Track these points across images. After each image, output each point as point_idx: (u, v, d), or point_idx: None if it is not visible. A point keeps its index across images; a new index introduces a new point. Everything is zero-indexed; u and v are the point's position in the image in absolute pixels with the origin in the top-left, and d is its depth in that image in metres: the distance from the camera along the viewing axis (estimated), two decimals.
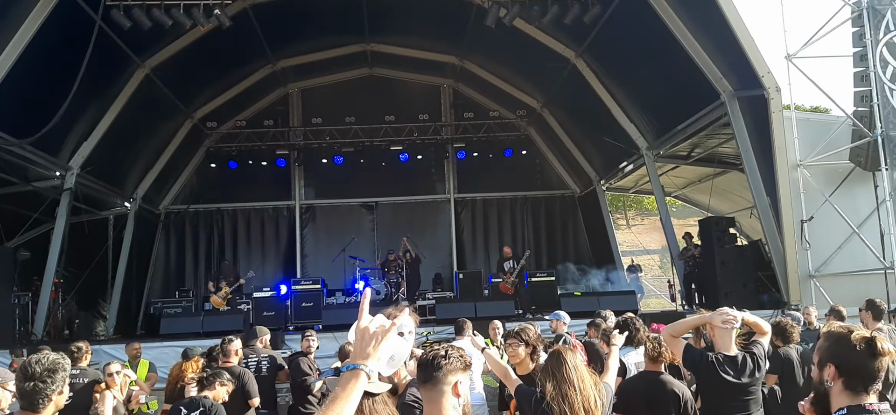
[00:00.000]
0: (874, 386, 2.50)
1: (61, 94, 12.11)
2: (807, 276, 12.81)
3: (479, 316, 13.15)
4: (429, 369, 2.79)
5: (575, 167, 21.09)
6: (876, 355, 2.49)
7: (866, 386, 2.50)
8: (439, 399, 2.76)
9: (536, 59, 16.93)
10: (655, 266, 29.79)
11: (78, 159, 14.95)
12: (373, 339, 2.23)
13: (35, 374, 3.41)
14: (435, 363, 2.79)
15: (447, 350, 2.87)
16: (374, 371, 2.19)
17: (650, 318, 12.19)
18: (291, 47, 18.28)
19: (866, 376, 2.50)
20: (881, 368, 2.49)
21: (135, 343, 10.20)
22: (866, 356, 2.50)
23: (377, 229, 20.85)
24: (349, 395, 2.11)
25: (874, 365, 2.49)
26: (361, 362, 2.18)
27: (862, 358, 2.50)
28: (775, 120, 12.18)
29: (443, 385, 2.77)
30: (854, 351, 2.52)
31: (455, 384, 2.80)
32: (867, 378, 2.50)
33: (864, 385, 2.50)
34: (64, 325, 15.69)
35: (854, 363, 2.51)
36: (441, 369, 2.77)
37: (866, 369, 2.49)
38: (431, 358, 2.82)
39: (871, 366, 2.49)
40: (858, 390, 2.51)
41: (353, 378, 2.15)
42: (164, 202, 20.54)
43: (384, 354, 2.25)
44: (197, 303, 18.11)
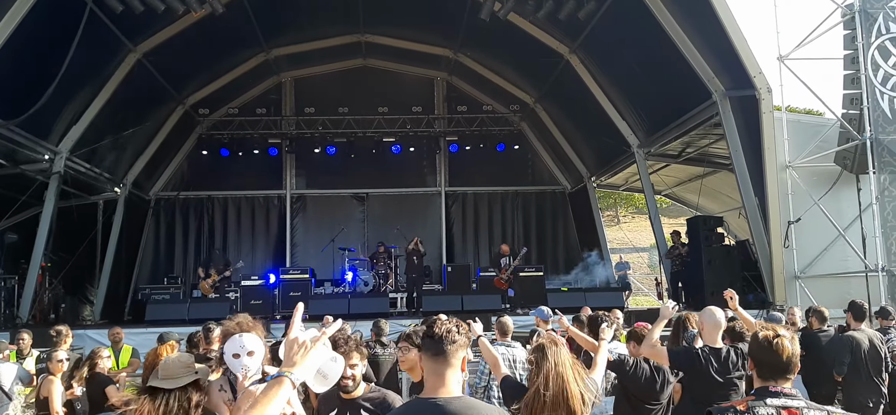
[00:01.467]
0: (782, 375, 3.06)
1: (51, 77, 12.06)
2: (792, 276, 12.87)
3: (466, 309, 13.21)
4: (441, 343, 2.73)
5: (566, 163, 21.11)
6: (774, 350, 3.06)
7: (772, 374, 3.06)
8: (445, 372, 2.72)
9: (531, 54, 16.93)
10: (644, 264, 29.85)
11: (67, 143, 14.86)
12: (301, 349, 2.36)
13: None
14: (448, 337, 2.73)
15: (458, 324, 2.84)
16: (298, 379, 2.31)
17: (637, 316, 12.25)
18: (285, 36, 18.21)
19: (771, 367, 3.07)
20: (781, 360, 3.05)
21: (117, 328, 10.19)
22: (768, 351, 3.07)
23: (368, 220, 20.83)
24: (270, 400, 2.20)
25: (773, 358, 3.06)
26: (287, 370, 2.29)
27: (765, 352, 3.08)
28: (766, 121, 12.23)
29: (453, 358, 2.73)
30: (760, 347, 3.11)
31: (463, 359, 2.78)
32: (771, 368, 3.08)
33: (770, 373, 3.07)
34: (50, 309, 15.66)
35: (760, 357, 3.11)
36: (455, 343, 2.74)
37: (770, 361, 3.07)
38: (444, 331, 2.76)
39: (772, 359, 3.06)
40: (766, 377, 3.08)
41: (276, 385, 2.25)
42: (155, 188, 20.47)
43: (311, 364, 2.37)
44: (185, 290, 18.10)
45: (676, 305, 14.90)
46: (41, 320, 14.72)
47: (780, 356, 3.05)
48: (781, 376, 3.06)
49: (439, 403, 2.62)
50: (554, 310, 7.38)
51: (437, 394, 2.68)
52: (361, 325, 11.41)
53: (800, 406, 2.98)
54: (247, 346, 3.91)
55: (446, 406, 2.60)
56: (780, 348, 3.05)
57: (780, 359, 3.05)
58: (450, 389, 2.70)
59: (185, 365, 3.55)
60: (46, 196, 14.69)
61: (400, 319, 13.39)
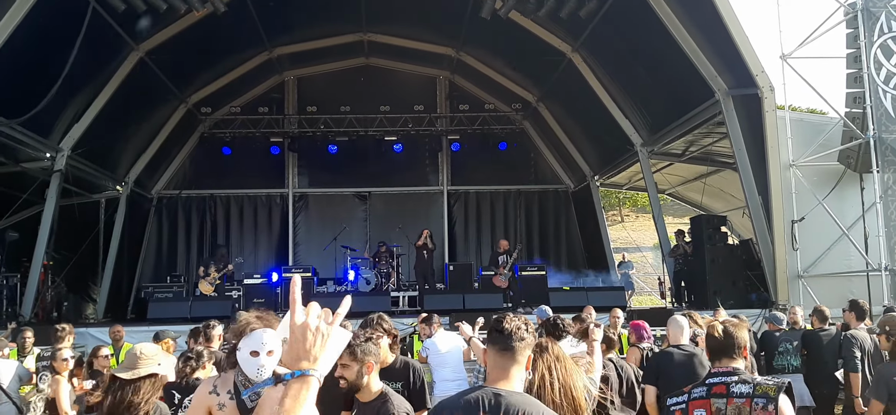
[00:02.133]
0: (722, 355, 3.71)
1: (53, 76, 12.06)
2: (795, 276, 12.82)
3: (468, 308, 13.19)
4: (510, 338, 2.79)
5: (569, 162, 21.07)
6: (715, 338, 3.74)
7: (715, 356, 3.75)
8: (511, 367, 2.79)
9: (533, 52, 16.90)
10: (648, 263, 29.79)
11: (69, 141, 14.87)
12: (317, 337, 1.85)
13: None
14: (517, 334, 2.79)
15: (527, 322, 2.88)
16: (322, 376, 1.84)
17: (636, 315, 12.22)
18: (288, 34, 18.20)
19: (712, 350, 3.78)
20: (718, 342, 3.72)
21: (118, 326, 10.17)
22: (709, 337, 3.80)
23: (370, 219, 20.82)
24: (300, 406, 1.77)
25: (712, 342, 3.76)
26: (309, 367, 1.82)
27: (708, 339, 3.82)
28: (769, 119, 12.20)
29: (520, 355, 2.80)
30: (707, 336, 3.84)
31: (529, 358, 2.84)
32: (713, 351, 3.77)
33: (714, 355, 3.77)
34: (52, 307, 15.64)
35: (711, 344, 3.80)
36: (523, 340, 2.80)
37: (711, 345, 3.78)
38: (514, 327, 2.81)
39: (712, 343, 3.77)
40: (712, 360, 3.79)
41: (302, 386, 1.80)
42: (157, 187, 20.48)
43: (332, 354, 1.88)
44: (188, 288, 18.09)
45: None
46: (44, 318, 14.72)
47: (716, 339, 3.71)
48: (724, 356, 3.70)
49: (501, 393, 2.71)
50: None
51: (500, 386, 2.76)
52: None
53: (727, 382, 3.58)
54: (268, 344, 3.56)
55: (508, 397, 2.69)
56: (714, 331, 3.75)
57: (718, 341, 3.70)
58: (514, 383, 2.78)
59: (146, 357, 3.56)
60: (48, 194, 14.69)
61: (402, 317, 13.37)
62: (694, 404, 3.61)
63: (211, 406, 3.66)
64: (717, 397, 3.54)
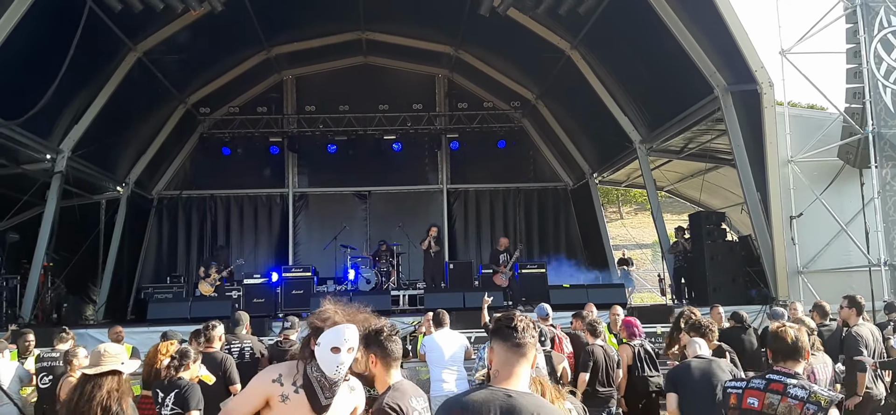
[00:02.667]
0: (787, 357, 3.99)
1: (52, 77, 12.06)
2: (795, 271, 12.83)
3: (468, 307, 13.18)
4: (523, 336, 2.79)
5: (568, 160, 21.06)
6: (786, 342, 4.01)
7: (783, 359, 4.01)
8: (520, 364, 2.78)
9: (531, 50, 16.89)
10: (647, 260, 29.83)
11: (69, 142, 14.86)
12: None
13: None
14: (528, 331, 2.80)
15: (535, 322, 2.92)
16: None
17: (639, 312, 12.23)
18: (286, 34, 18.18)
19: (784, 352, 4.02)
20: (786, 345, 4.01)
21: (118, 327, 10.19)
22: (784, 342, 4.03)
23: (370, 218, 20.81)
24: None
25: (787, 347, 4.00)
26: None
27: (783, 343, 4.03)
28: (767, 115, 12.19)
29: (529, 352, 2.80)
30: (772, 336, 4.15)
31: (535, 357, 2.83)
32: (776, 352, 4.05)
33: (782, 358, 4.01)
34: (52, 308, 15.66)
35: (780, 347, 4.05)
36: (534, 339, 2.82)
37: (776, 347, 4.06)
38: (525, 325, 2.81)
39: (787, 347, 4.01)
40: (775, 360, 4.04)
41: None
42: (157, 187, 20.47)
43: None
44: (188, 289, 18.09)
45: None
46: (44, 319, 14.73)
47: (787, 344, 3.96)
48: (789, 359, 3.96)
49: (512, 394, 2.64)
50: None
51: (509, 385, 2.71)
52: None
53: (786, 382, 3.84)
54: (349, 340, 3.40)
55: (519, 398, 2.62)
56: (787, 336, 3.98)
57: (788, 345, 3.95)
58: (522, 382, 2.76)
59: (109, 355, 3.69)
60: (48, 196, 14.70)
61: (402, 316, 13.38)
62: (749, 392, 3.94)
63: (271, 395, 3.47)
64: (773, 393, 3.85)
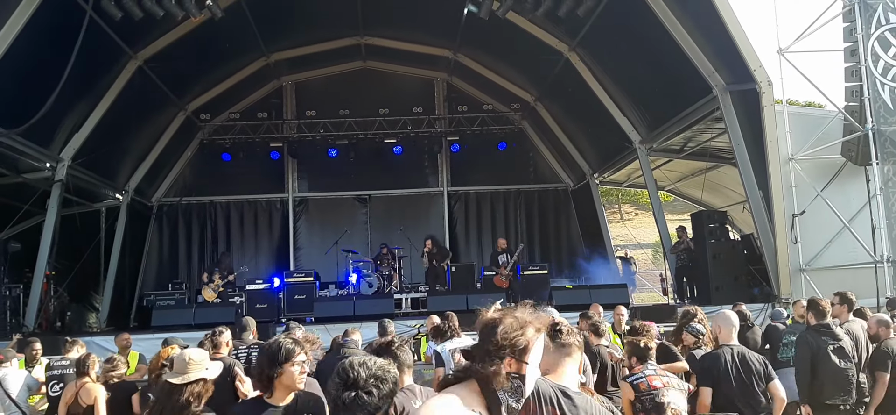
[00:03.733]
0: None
1: (52, 85, 12.04)
2: (798, 269, 12.84)
3: (471, 308, 13.17)
4: (570, 337, 3.16)
5: (568, 161, 21.09)
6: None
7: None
8: (566, 362, 3.09)
9: (530, 52, 16.92)
10: (649, 260, 29.83)
11: (69, 151, 14.87)
12: None
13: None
14: (573, 334, 3.16)
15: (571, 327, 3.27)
16: None
17: (643, 312, 12.26)
18: (285, 40, 18.21)
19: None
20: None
21: (125, 334, 10.16)
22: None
23: (370, 222, 20.83)
24: None
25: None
26: None
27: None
28: (767, 114, 12.22)
29: (576, 352, 3.16)
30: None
31: (581, 362, 3.22)
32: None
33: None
34: (56, 316, 15.67)
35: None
36: (579, 341, 3.19)
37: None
38: (568, 329, 3.20)
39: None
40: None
41: None
42: (157, 194, 20.48)
43: None
44: (190, 295, 18.10)
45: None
46: (47, 327, 14.74)
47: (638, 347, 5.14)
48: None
49: (567, 391, 2.84)
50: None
51: (558, 382, 2.95)
52: (367, 326, 11.45)
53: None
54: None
55: (572, 395, 2.83)
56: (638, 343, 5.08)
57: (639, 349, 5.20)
58: (569, 380, 3.05)
59: (195, 363, 3.63)
60: (49, 204, 14.70)
61: (405, 319, 13.39)
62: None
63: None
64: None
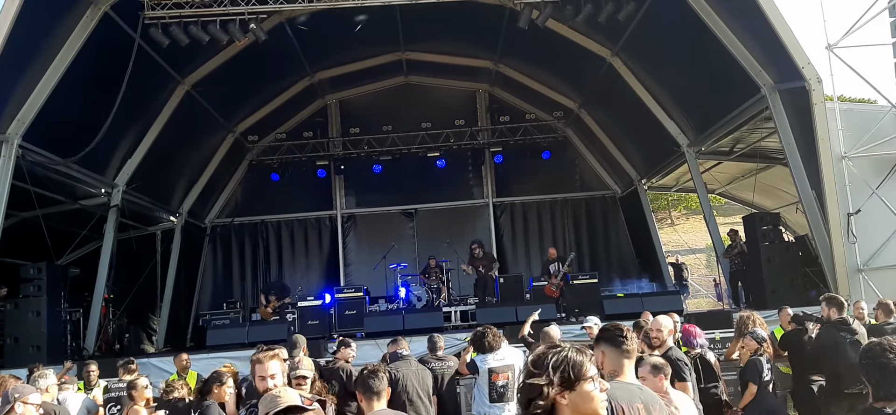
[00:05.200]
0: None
1: (104, 113, 12.42)
2: (855, 270, 12.44)
3: (521, 320, 13.09)
4: (626, 341, 3.48)
5: (615, 167, 20.89)
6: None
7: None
8: (625, 363, 3.44)
9: (572, 59, 16.82)
10: (702, 265, 29.34)
11: (123, 176, 15.31)
12: None
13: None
14: (630, 337, 3.49)
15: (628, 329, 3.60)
16: None
17: (696, 318, 12.02)
18: (328, 59, 18.47)
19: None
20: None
21: (183, 355, 10.38)
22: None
23: (417, 236, 20.92)
24: None
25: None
26: None
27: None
28: (818, 112, 11.90)
29: (633, 354, 3.51)
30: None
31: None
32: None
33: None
34: (115, 339, 16.08)
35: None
36: (635, 342, 3.53)
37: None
38: (626, 332, 3.51)
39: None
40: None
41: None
42: (210, 216, 20.91)
43: None
44: (244, 314, 18.40)
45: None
46: (107, 350, 15.14)
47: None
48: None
49: (632, 386, 3.28)
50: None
51: (623, 379, 3.38)
52: (416, 340, 11.47)
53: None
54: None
55: (643, 392, 3.24)
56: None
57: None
58: (631, 377, 3.45)
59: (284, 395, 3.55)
60: (106, 229, 15.15)
61: (455, 332, 13.37)
62: None
63: None
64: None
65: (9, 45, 10.69)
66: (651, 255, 19.95)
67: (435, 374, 8.30)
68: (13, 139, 11.70)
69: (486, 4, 15.03)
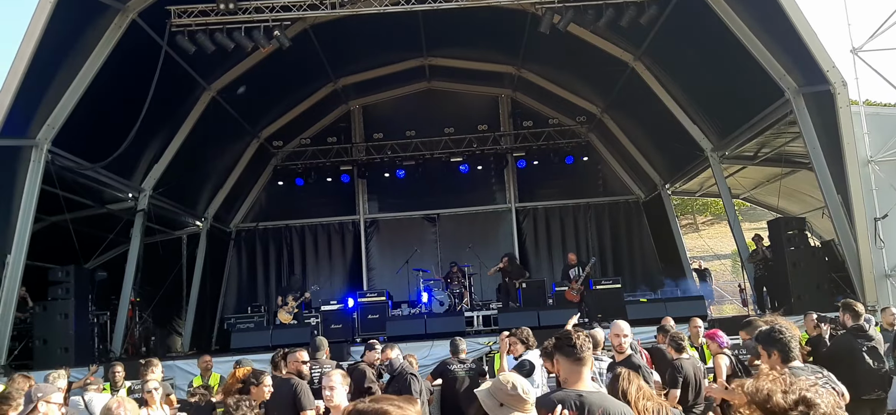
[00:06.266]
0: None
1: (132, 119, 12.63)
2: (882, 275, 12.30)
3: (543, 325, 13.10)
4: (582, 351, 3.61)
5: (638, 172, 20.79)
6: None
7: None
8: (582, 371, 3.57)
9: (594, 64, 16.80)
10: (727, 271, 29.05)
11: (150, 181, 15.56)
12: None
13: None
14: (585, 345, 3.62)
15: (587, 335, 3.78)
16: None
17: (719, 324, 11.95)
18: (351, 65, 18.63)
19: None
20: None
21: (206, 356, 10.52)
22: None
23: (440, 241, 20.98)
24: None
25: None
26: None
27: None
28: (843, 116, 11.77)
29: (589, 361, 3.64)
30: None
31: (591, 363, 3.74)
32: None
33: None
34: (141, 342, 16.30)
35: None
36: (589, 350, 3.66)
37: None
38: (583, 341, 3.64)
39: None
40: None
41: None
42: (235, 220, 21.14)
43: None
44: (268, 318, 18.55)
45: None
46: (134, 353, 15.34)
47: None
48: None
49: (582, 393, 3.39)
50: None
51: (578, 387, 3.48)
52: (439, 344, 11.53)
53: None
54: None
55: (588, 396, 3.37)
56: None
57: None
58: (587, 385, 3.53)
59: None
60: (133, 233, 15.40)
61: (477, 337, 13.40)
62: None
63: None
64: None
65: (39, 52, 10.94)
66: (675, 260, 19.81)
67: (455, 377, 8.42)
68: (43, 145, 11.95)
69: (509, 9, 15.04)
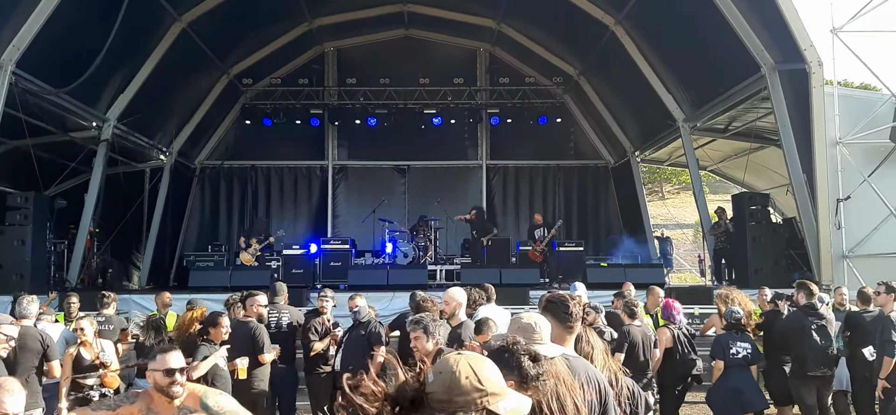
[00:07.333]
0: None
1: (98, 46, 12.27)
2: (840, 256, 12.50)
3: (504, 283, 13.15)
4: (575, 320, 3.61)
5: (610, 137, 20.82)
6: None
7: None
8: (568, 338, 3.56)
9: (575, 25, 16.67)
10: (689, 240, 29.44)
11: (115, 111, 15.17)
12: None
13: None
14: (578, 314, 3.60)
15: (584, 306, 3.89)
16: None
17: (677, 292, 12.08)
18: (329, 4, 18.24)
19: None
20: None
21: (165, 293, 10.30)
22: None
23: (408, 193, 20.86)
24: None
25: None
26: None
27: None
28: (816, 95, 11.86)
29: (576, 329, 3.63)
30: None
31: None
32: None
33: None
34: (97, 273, 16.07)
35: None
36: (580, 321, 3.67)
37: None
38: (577, 310, 3.62)
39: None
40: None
41: None
42: (200, 157, 20.77)
43: None
44: (228, 257, 18.38)
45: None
46: (89, 284, 15.14)
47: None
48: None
49: (568, 354, 3.39)
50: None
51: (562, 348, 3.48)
52: (400, 296, 11.50)
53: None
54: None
55: (574, 360, 3.38)
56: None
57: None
58: (571, 349, 3.58)
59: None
60: (95, 163, 15.07)
61: (438, 291, 13.39)
62: None
63: None
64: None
65: None
66: (638, 227, 19.97)
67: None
68: (7, 66, 11.53)
69: None
